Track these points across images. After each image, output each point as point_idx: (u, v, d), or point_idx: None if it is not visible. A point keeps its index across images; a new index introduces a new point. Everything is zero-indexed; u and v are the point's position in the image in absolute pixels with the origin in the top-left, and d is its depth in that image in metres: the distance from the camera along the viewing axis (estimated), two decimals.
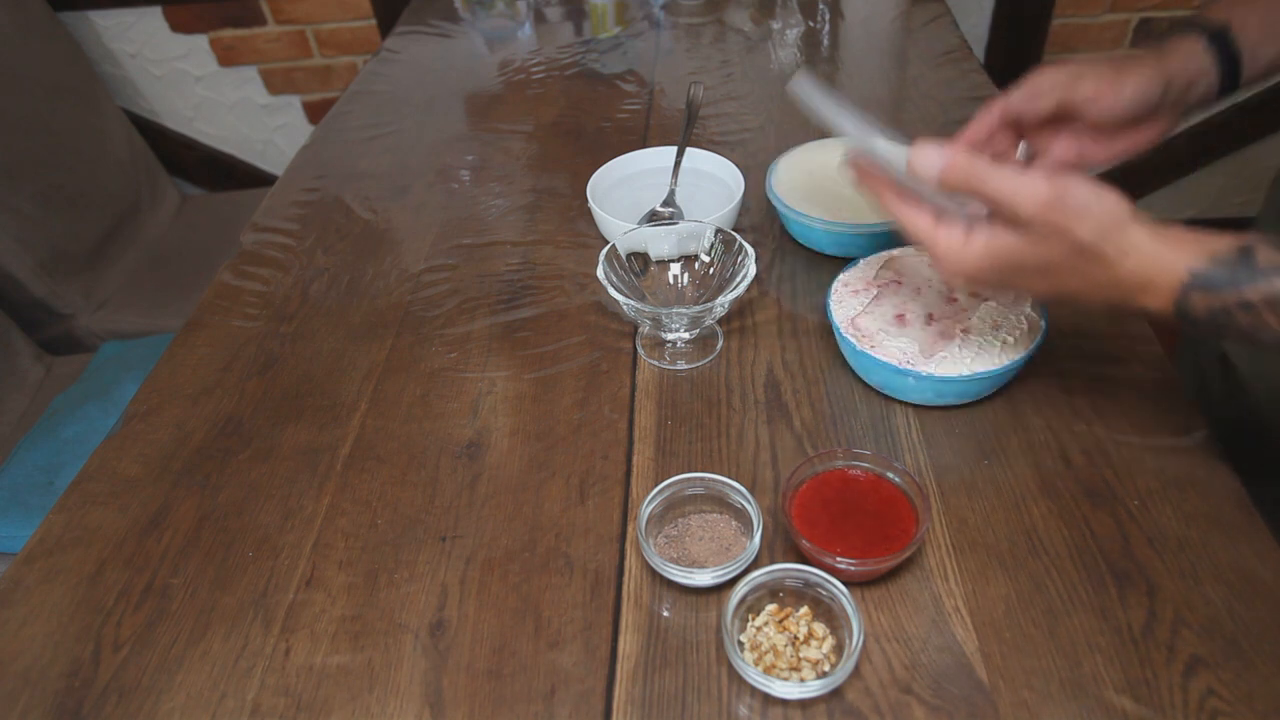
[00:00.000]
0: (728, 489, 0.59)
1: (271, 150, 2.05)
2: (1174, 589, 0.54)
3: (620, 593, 0.57)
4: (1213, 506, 0.59)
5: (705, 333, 0.76)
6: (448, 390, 0.73)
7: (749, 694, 0.51)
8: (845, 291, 0.72)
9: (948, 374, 0.63)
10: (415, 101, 1.21)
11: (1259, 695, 0.49)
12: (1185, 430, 0.64)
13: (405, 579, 0.59)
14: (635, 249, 0.75)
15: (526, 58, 1.30)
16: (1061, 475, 0.62)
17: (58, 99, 1.58)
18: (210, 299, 0.86)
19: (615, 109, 1.15)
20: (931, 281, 0.72)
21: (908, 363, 0.65)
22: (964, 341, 0.65)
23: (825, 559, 0.54)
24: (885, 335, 0.67)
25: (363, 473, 0.67)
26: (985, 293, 0.69)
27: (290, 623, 0.57)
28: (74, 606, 0.60)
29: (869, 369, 0.67)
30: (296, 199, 1.01)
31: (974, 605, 0.54)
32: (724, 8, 1.40)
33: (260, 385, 0.76)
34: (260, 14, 1.82)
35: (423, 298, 0.84)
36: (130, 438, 0.72)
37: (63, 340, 1.51)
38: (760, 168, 0.97)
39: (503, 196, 0.98)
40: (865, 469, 0.60)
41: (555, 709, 0.51)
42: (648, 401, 0.71)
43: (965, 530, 0.59)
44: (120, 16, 1.81)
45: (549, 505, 0.63)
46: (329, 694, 0.53)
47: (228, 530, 0.64)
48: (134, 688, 0.55)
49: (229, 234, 1.00)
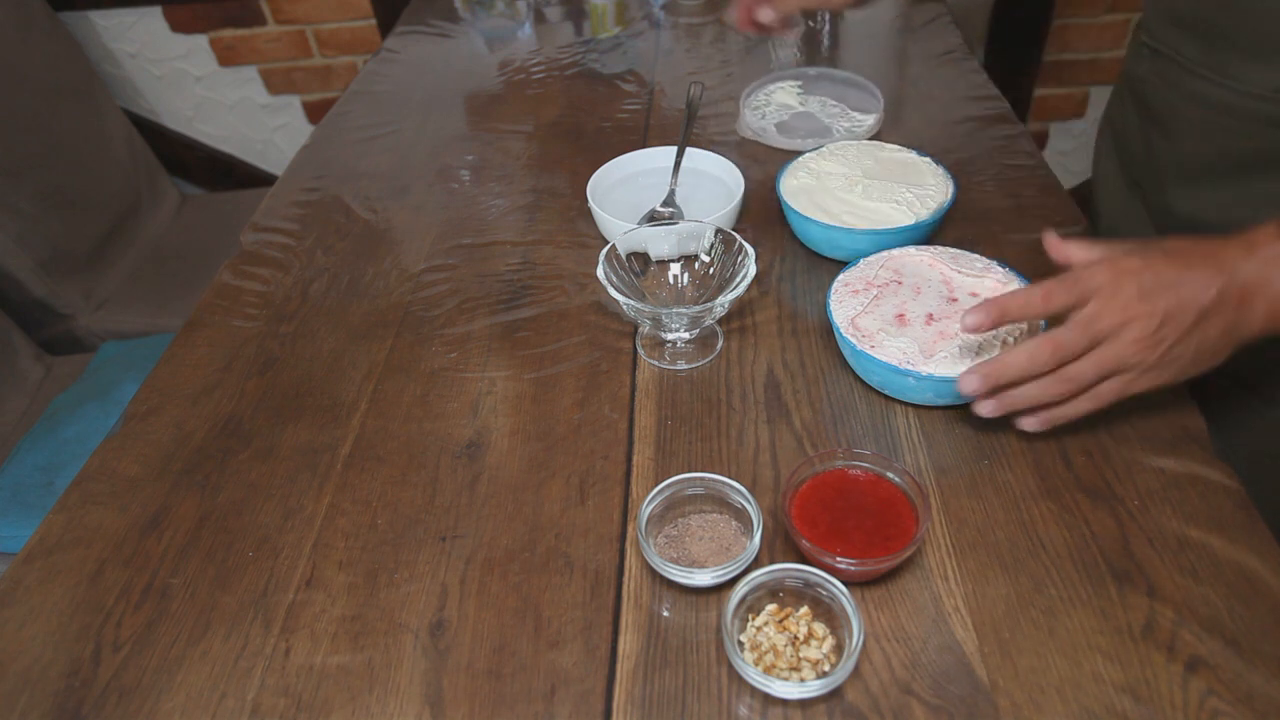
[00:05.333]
0: (728, 489, 0.59)
1: (271, 150, 2.05)
2: (1174, 589, 0.54)
3: (620, 593, 0.57)
4: (1213, 506, 0.59)
5: (705, 333, 0.76)
6: (448, 390, 0.73)
7: (749, 694, 0.51)
8: (845, 291, 0.72)
9: (947, 374, 0.63)
10: (415, 101, 1.21)
11: (1259, 695, 0.49)
12: (1185, 430, 0.64)
13: (405, 579, 0.59)
14: (635, 249, 0.75)
15: (526, 58, 1.30)
16: (1061, 475, 0.62)
17: (58, 99, 1.58)
18: (210, 299, 0.86)
19: (615, 109, 1.15)
20: (931, 281, 0.72)
21: (907, 363, 0.65)
22: (965, 341, 0.66)
23: (825, 559, 0.54)
24: (885, 335, 0.67)
25: (363, 473, 0.67)
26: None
27: (290, 623, 0.57)
28: (74, 606, 0.60)
29: (869, 369, 0.67)
30: (296, 199, 1.01)
31: (974, 605, 0.54)
32: (724, 8, 1.40)
33: (260, 385, 0.76)
34: (260, 14, 1.82)
35: (423, 298, 0.84)
36: (130, 438, 0.72)
37: (63, 340, 1.51)
38: (760, 167, 0.97)
39: (503, 196, 0.98)
40: (865, 469, 0.60)
41: (555, 709, 0.51)
42: (648, 401, 0.71)
43: (965, 530, 0.59)
44: (120, 16, 1.81)
45: (549, 505, 0.63)
46: (329, 694, 0.53)
47: (228, 530, 0.64)
48: (134, 688, 0.55)
49: (229, 234, 1.00)
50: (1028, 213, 0.88)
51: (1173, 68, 0.72)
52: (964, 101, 1.08)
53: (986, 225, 0.86)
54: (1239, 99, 0.66)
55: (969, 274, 0.72)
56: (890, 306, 0.70)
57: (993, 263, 0.72)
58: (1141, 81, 0.77)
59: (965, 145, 0.99)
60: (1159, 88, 0.74)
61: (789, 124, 1.05)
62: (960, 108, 1.06)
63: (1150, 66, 0.76)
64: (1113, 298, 0.54)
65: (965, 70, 1.15)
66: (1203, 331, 0.55)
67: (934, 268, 0.73)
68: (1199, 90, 0.69)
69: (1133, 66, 0.80)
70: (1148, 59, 0.76)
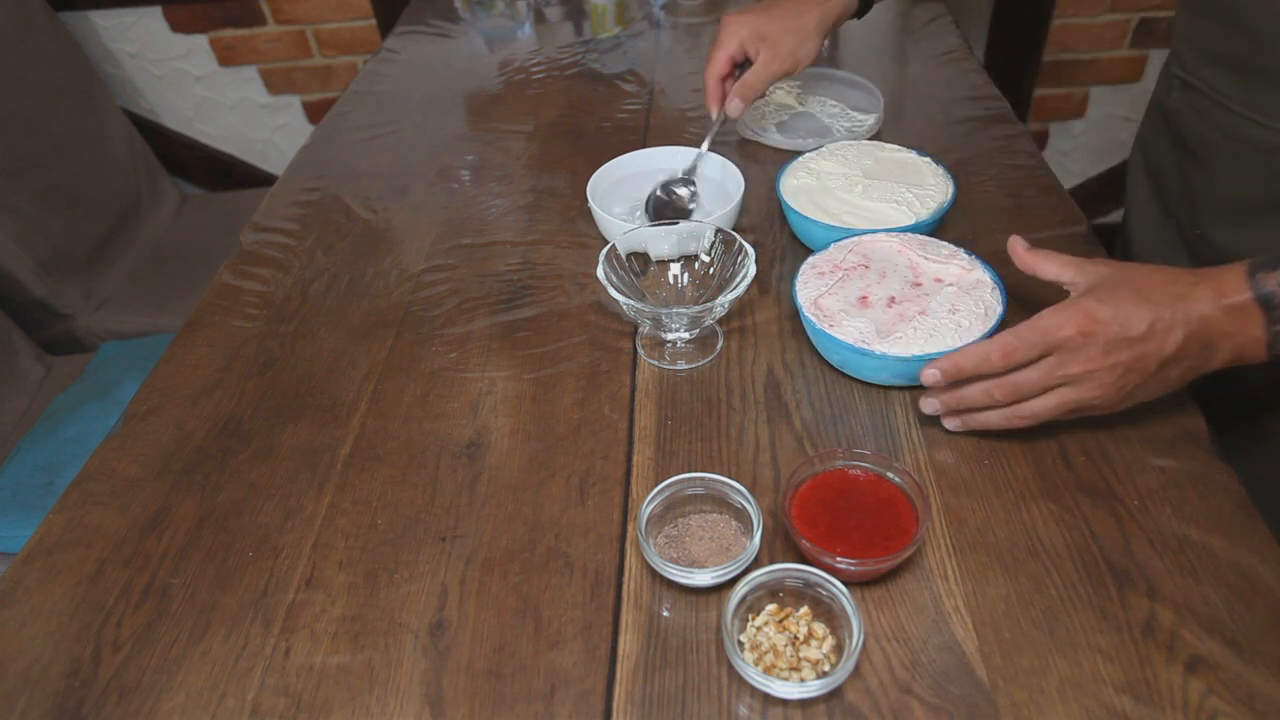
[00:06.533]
0: (728, 489, 0.59)
1: (271, 150, 2.05)
2: (1174, 589, 0.54)
3: (620, 593, 0.57)
4: (1213, 506, 0.59)
5: (705, 333, 0.76)
6: (448, 390, 0.73)
7: (749, 694, 0.51)
8: (812, 273, 0.74)
9: (901, 354, 0.64)
10: (415, 101, 1.21)
11: (1259, 695, 0.49)
12: (1185, 430, 0.64)
13: (405, 579, 0.59)
14: (635, 249, 0.75)
15: (526, 58, 1.30)
16: (1061, 475, 0.62)
17: (58, 99, 1.58)
18: (210, 299, 0.86)
19: (615, 109, 1.15)
20: (898, 266, 0.73)
21: (863, 342, 0.66)
22: (919, 323, 0.67)
23: (825, 559, 0.54)
24: (845, 315, 0.69)
25: (363, 473, 0.67)
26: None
27: (290, 623, 0.57)
28: (74, 606, 0.60)
29: (829, 348, 0.69)
30: (296, 199, 1.01)
31: (974, 605, 0.54)
32: (724, 8, 1.40)
33: (260, 385, 0.76)
34: (260, 14, 1.82)
35: (423, 298, 0.84)
36: (130, 438, 0.72)
37: (63, 340, 1.51)
38: (760, 167, 0.97)
39: (503, 196, 0.98)
40: (865, 469, 0.60)
41: (555, 709, 0.51)
42: (648, 401, 0.71)
43: (965, 530, 0.59)
44: (120, 16, 1.81)
45: (549, 505, 0.63)
46: (329, 694, 0.53)
47: (228, 530, 0.64)
48: (134, 688, 0.55)
49: (229, 234, 1.00)
50: (1028, 213, 0.88)
51: (1206, 102, 0.70)
52: (964, 101, 1.08)
53: (986, 225, 0.86)
54: (1277, 137, 0.64)
55: (935, 260, 0.73)
56: (855, 289, 0.72)
57: (959, 250, 0.73)
58: (1175, 114, 0.76)
59: (965, 145, 0.99)
60: (1193, 122, 0.73)
61: (789, 124, 1.05)
62: (960, 108, 1.06)
63: (1182, 99, 0.74)
64: (1076, 353, 0.56)
65: (965, 70, 1.15)
66: (1164, 375, 0.57)
67: (902, 253, 0.75)
68: (1234, 127, 0.68)
69: (1163, 97, 0.79)
70: (1179, 91, 0.75)
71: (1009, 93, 1.13)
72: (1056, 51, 1.84)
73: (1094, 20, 1.80)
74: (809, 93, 1.09)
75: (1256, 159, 0.67)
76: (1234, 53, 0.66)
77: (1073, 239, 0.83)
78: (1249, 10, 0.62)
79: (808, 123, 1.04)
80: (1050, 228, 0.85)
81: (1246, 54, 0.65)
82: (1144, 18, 1.79)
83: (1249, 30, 0.63)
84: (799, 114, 1.06)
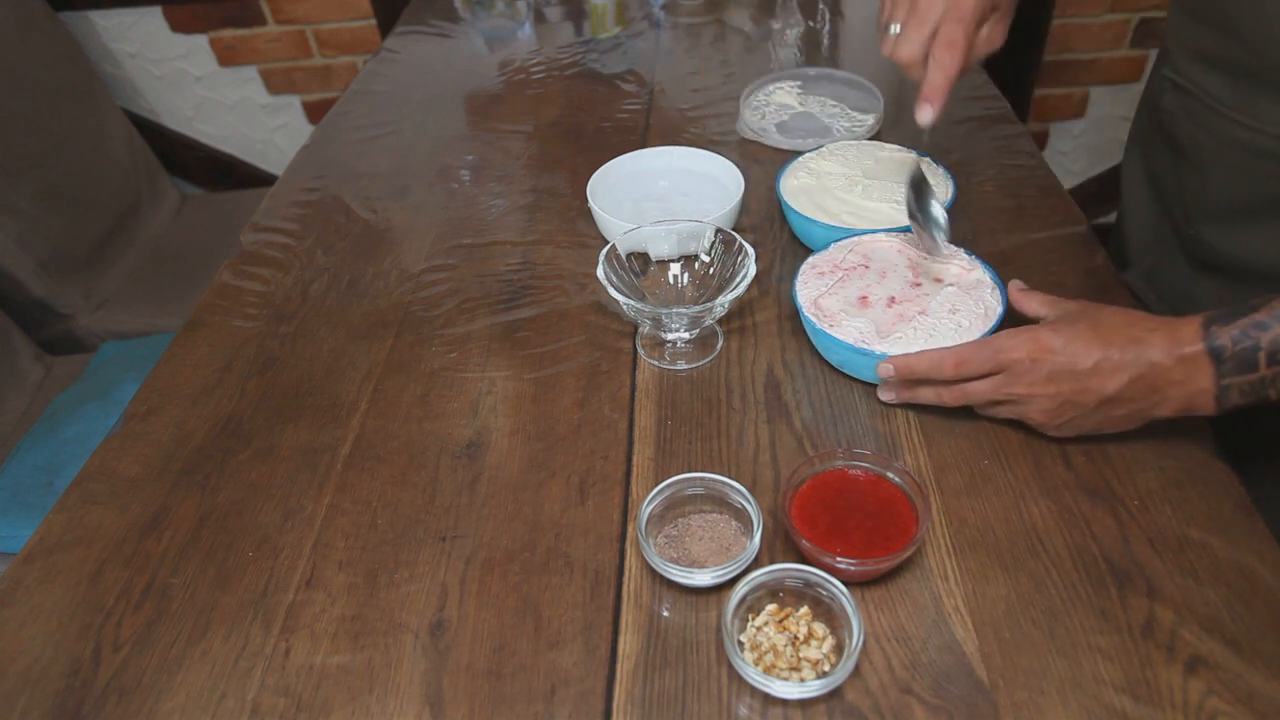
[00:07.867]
0: (728, 489, 0.59)
1: (271, 150, 2.05)
2: (1174, 589, 0.54)
3: (620, 593, 0.57)
4: (1213, 506, 0.59)
5: (705, 333, 0.76)
6: (448, 390, 0.73)
7: (749, 694, 0.51)
8: (812, 273, 0.74)
9: (900, 354, 0.64)
10: (415, 101, 1.21)
11: (1259, 695, 0.49)
12: (1185, 430, 0.64)
13: (405, 579, 0.59)
14: (635, 249, 0.75)
15: (526, 58, 1.30)
16: (1061, 475, 0.62)
17: (58, 99, 1.58)
18: (210, 299, 0.86)
19: (615, 109, 1.15)
20: (898, 266, 0.73)
21: (863, 342, 0.66)
22: (919, 323, 0.67)
23: (825, 559, 0.54)
24: (845, 315, 0.69)
25: (363, 473, 0.67)
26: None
27: (290, 623, 0.57)
28: (74, 606, 0.60)
29: (829, 348, 0.69)
30: (296, 199, 1.01)
31: (974, 605, 0.54)
32: (724, 8, 1.40)
33: (260, 385, 0.76)
34: (260, 14, 1.82)
35: (423, 298, 0.84)
36: (130, 438, 0.72)
37: (63, 340, 1.51)
38: (760, 167, 0.97)
39: (503, 196, 0.98)
40: (865, 469, 0.60)
41: (555, 709, 0.51)
42: (648, 401, 0.71)
43: (965, 530, 0.59)
44: (120, 16, 1.81)
45: (549, 505, 0.63)
46: (329, 694, 0.53)
47: (228, 530, 0.64)
48: (134, 688, 0.55)
49: (229, 234, 1.00)
50: (1028, 213, 0.88)
51: (1199, 105, 0.70)
52: (964, 101, 1.07)
53: (986, 225, 0.86)
54: (1270, 142, 0.64)
55: (935, 260, 0.73)
56: (855, 289, 0.72)
57: (959, 250, 0.73)
58: (1168, 116, 0.75)
59: (965, 145, 0.99)
60: (1185, 124, 0.73)
61: (789, 124, 1.04)
62: (960, 108, 1.06)
63: (1174, 100, 0.74)
64: (1022, 375, 0.60)
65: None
66: (1104, 412, 0.60)
67: (902, 253, 0.75)
68: (1228, 131, 0.67)
69: (1155, 97, 0.79)
70: (1170, 92, 0.75)
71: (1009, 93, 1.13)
72: (1056, 51, 1.84)
73: (1094, 20, 1.80)
74: (809, 93, 1.09)
75: (1248, 162, 0.67)
76: (1226, 56, 0.66)
77: (1072, 239, 0.83)
78: (1241, 14, 0.63)
79: (808, 123, 1.04)
80: (1050, 228, 0.85)
81: (1238, 57, 0.65)
82: (1144, 18, 1.79)
83: (1241, 34, 0.63)
84: (799, 114, 1.06)
